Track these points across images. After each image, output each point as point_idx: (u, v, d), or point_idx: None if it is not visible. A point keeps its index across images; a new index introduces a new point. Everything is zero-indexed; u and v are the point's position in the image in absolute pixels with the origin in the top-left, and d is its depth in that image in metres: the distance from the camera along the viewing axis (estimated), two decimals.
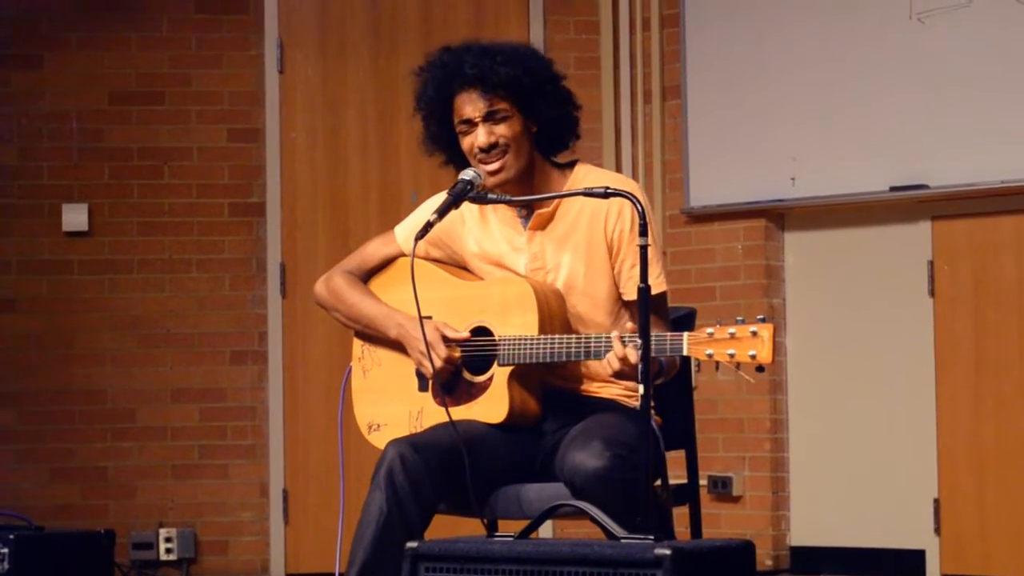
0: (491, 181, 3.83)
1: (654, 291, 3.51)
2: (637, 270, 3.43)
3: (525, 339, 3.74)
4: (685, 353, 3.55)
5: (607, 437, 3.57)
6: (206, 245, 7.06)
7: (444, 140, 3.93)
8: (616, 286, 3.88)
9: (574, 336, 3.72)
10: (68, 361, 6.99)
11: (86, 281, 7.02)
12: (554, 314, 3.81)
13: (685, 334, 3.55)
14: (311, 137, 7.12)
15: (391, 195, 7.05)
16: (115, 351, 7.01)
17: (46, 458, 6.94)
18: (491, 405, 3.80)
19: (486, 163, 3.83)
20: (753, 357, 3.48)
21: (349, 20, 7.16)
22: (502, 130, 3.82)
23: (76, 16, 7.07)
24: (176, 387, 7.02)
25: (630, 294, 3.81)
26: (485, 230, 3.95)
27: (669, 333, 3.59)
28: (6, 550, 4.94)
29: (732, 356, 3.49)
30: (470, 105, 3.82)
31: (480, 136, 3.82)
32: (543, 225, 3.88)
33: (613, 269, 3.87)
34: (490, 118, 3.82)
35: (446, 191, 3.86)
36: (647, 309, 3.38)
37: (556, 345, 3.71)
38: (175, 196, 7.07)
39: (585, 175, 3.91)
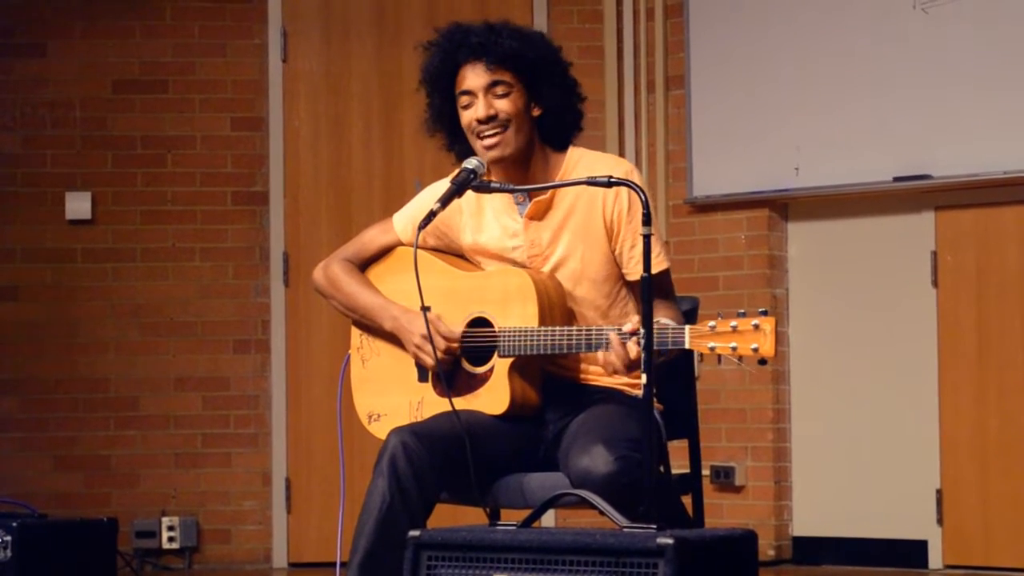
0: (488, 156, 3.81)
1: (656, 270, 3.51)
2: (638, 249, 3.41)
3: (525, 331, 3.73)
4: (687, 347, 3.54)
5: (609, 438, 3.56)
6: (209, 234, 7.06)
7: (447, 117, 3.91)
8: (617, 268, 3.87)
9: (575, 328, 3.70)
10: (71, 349, 6.99)
11: (89, 269, 7.02)
12: (554, 305, 3.80)
13: (687, 327, 3.54)
14: (314, 126, 7.11)
15: (394, 184, 7.05)
16: (118, 339, 7.01)
17: (49, 446, 6.94)
18: (492, 396, 3.79)
19: (483, 136, 3.81)
20: (755, 350, 3.47)
21: (353, 9, 7.15)
22: (503, 104, 3.80)
23: (80, 4, 7.07)
24: (179, 376, 7.03)
25: (633, 274, 3.81)
26: (481, 221, 3.93)
27: (672, 326, 3.57)
28: (9, 538, 4.94)
29: (734, 349, 3.48)
30: (473, 75, 3.81)
31: (480, 108, 3.80)
32: (541, 214, 3.87)
33: (613, 251, 3.86)
34: (492, 90, 3.80)
35: (446, 179, 3.86)
36: (651, 298, 3.37)
37: (557, 337, 3.69)
38: (178, 185, 7.07)
39: (579, 159, 3.89)
